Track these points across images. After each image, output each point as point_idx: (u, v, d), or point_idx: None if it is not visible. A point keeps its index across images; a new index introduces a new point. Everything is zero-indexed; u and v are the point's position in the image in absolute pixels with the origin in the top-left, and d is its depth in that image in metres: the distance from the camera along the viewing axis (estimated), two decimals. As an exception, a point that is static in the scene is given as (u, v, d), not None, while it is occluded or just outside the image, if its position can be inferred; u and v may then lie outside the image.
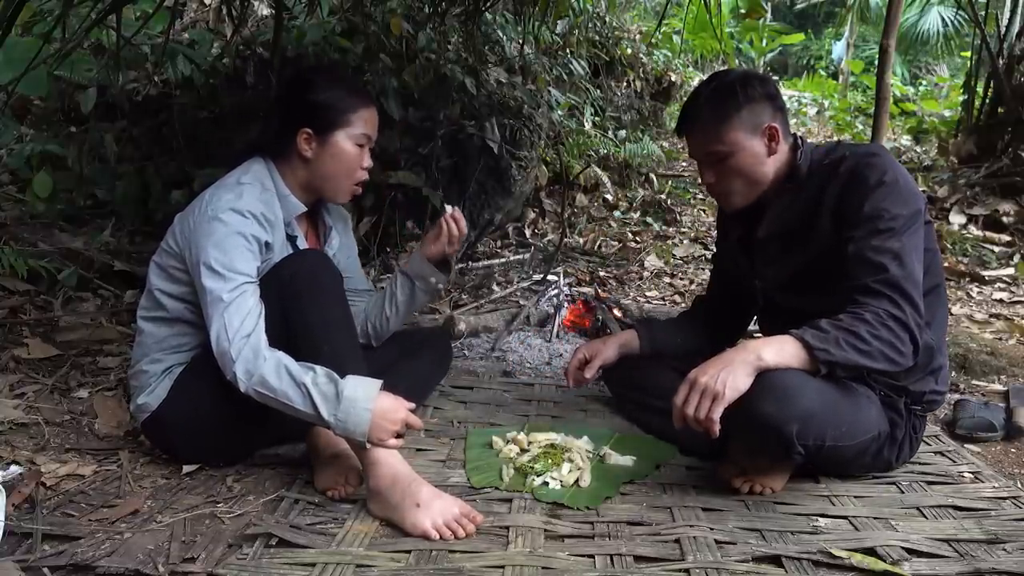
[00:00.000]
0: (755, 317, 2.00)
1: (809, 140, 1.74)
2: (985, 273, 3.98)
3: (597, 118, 5.84)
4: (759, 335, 2.02)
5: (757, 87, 1.65)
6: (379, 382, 1.48)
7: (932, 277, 1.66)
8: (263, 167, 1.69)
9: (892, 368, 1.49)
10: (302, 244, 1.76)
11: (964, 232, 4.69)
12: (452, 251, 1.89)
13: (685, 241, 4.66)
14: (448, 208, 1.87)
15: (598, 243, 4.49)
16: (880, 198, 1.54)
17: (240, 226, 1.56)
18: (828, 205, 1.62)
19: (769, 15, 12.11)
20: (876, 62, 5.14)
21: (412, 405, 1.52)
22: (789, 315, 1.61)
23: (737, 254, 1.89)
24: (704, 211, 5.27)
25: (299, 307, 1.56)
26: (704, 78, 1.93)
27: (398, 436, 1.48)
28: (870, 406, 1.62)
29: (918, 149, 7.03)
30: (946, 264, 4.12)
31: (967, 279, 3.92)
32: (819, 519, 1.53)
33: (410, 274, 1.91)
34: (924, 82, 12.68)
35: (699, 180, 1.77)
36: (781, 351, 1.44)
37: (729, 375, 1.41)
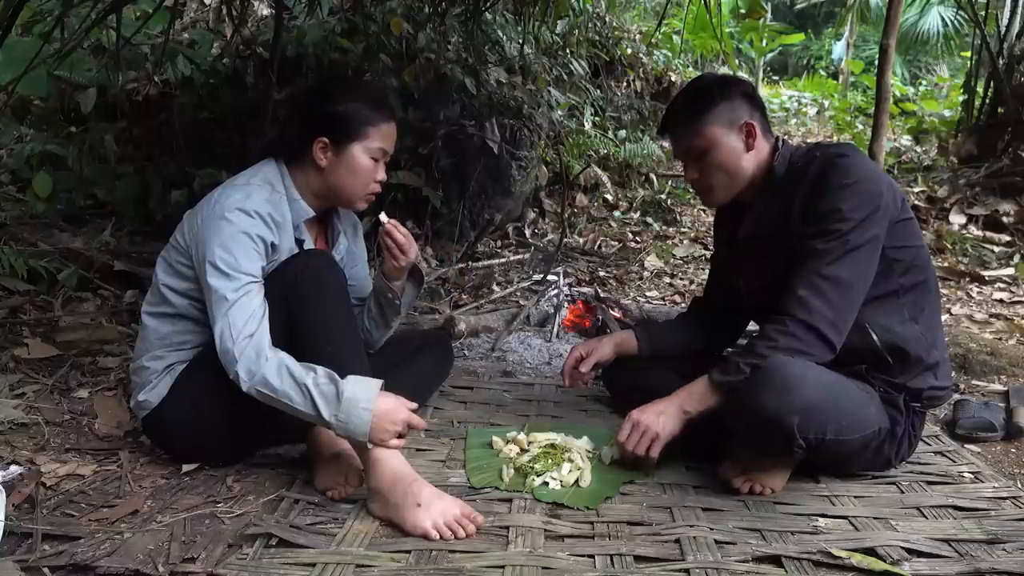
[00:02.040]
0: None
1: (791, 141, 1.78)
2: (985, 273, 3.98)
3: (597, 118, 5.83)
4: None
5: (733, 86, 1.73)
6: (379, 382, 1.48)
7: (918, 272, 1.68)
8: (275, 170, 1.69)
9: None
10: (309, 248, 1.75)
11: (964, 232, 4.68)
12: (406, 263, 1.80)
13: (685, 241, 4.66)
14: (383, 217, 1.78)
15: (598, 243, 4.49)
16: (836, 199, 1.58)
17: (247, 226, 1.56)
18: (798, 206, 1.65)
19: (769, 15, 12.08)
20: (876, 62, 5.14)
21: (414, 405, 1.52)
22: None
23: (724, 255, 1.93)
24: (704, 211, 5.26)
25: (303, 307, 1.56)
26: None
27: (400, 436, 1.48)
28: (870, 402, 1.62)
29: (918, 149, 7.02)
30: (946, 264, 4.11)
31: (967, 279, 3.92)
32: (819, 519, 1.53)
33: (376, 289, 1.90)
34: (924, 82, 12.66)
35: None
36: (703, 399, 1.62)
37: (666, 420, 1.62)
